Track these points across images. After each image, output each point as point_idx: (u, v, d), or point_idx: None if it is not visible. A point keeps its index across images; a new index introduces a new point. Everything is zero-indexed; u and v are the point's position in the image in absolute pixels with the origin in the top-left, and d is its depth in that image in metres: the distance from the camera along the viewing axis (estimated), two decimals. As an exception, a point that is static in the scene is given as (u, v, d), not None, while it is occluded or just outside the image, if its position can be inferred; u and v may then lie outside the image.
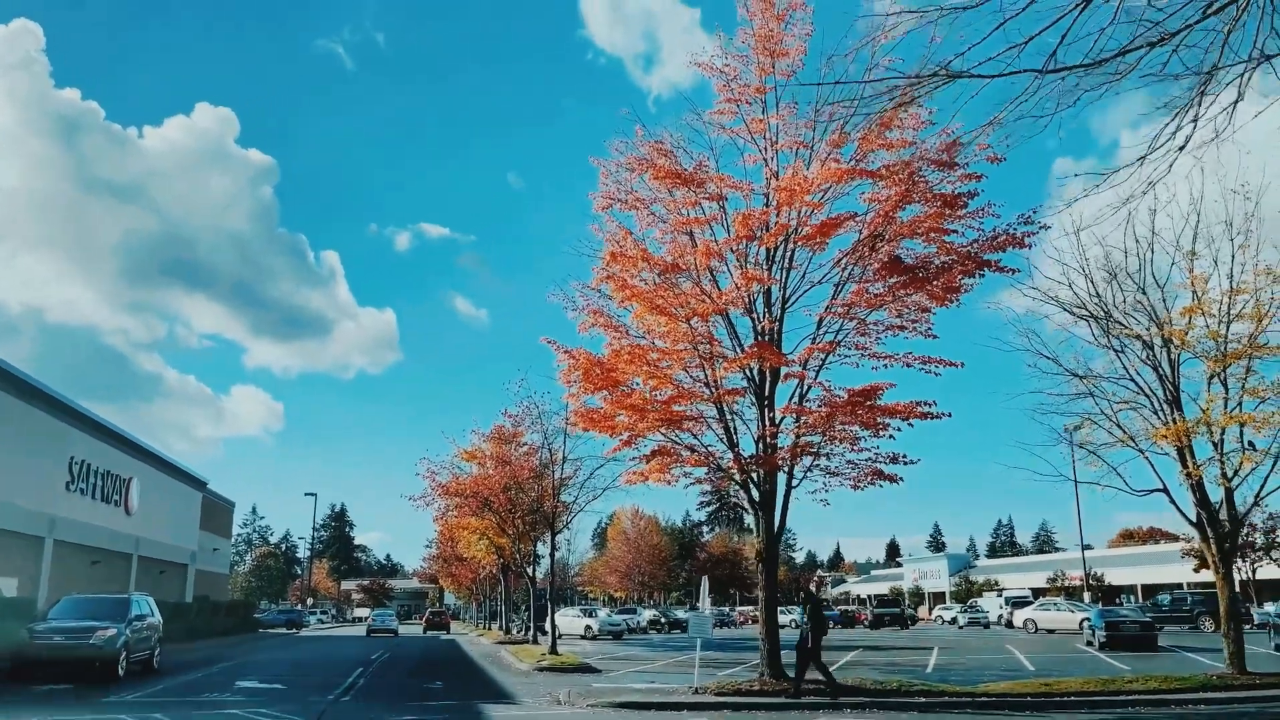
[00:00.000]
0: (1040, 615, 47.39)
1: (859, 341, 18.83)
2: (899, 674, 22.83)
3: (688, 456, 18.51)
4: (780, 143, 18.76)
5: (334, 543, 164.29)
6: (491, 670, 26.93)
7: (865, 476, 18.96)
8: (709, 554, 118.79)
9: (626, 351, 17.75)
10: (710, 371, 18.47)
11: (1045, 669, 24.68)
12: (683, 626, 67.03)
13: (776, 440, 18.66)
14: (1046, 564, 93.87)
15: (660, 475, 18.74)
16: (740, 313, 19.50)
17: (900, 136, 17.78)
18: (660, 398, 18.01)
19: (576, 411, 19.15)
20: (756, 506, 18.96)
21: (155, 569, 48.98)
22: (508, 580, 53.02)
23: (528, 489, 31.89)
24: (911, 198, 17.25)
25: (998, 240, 17.67)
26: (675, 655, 32.76)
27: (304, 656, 34.68)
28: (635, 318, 18.35)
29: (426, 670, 27.69)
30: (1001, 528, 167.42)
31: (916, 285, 17.32)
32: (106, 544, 41.29)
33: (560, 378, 19.11)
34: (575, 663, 26.14)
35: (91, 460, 39.35)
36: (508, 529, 34.77)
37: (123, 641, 21.09)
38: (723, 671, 23.54)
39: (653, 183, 18.47)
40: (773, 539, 18.90)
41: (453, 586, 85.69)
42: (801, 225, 17.82)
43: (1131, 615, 34.24)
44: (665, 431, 18.48)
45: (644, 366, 17.63)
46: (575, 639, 44.65)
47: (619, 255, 17.95)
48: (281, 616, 76.13)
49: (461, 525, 40.69)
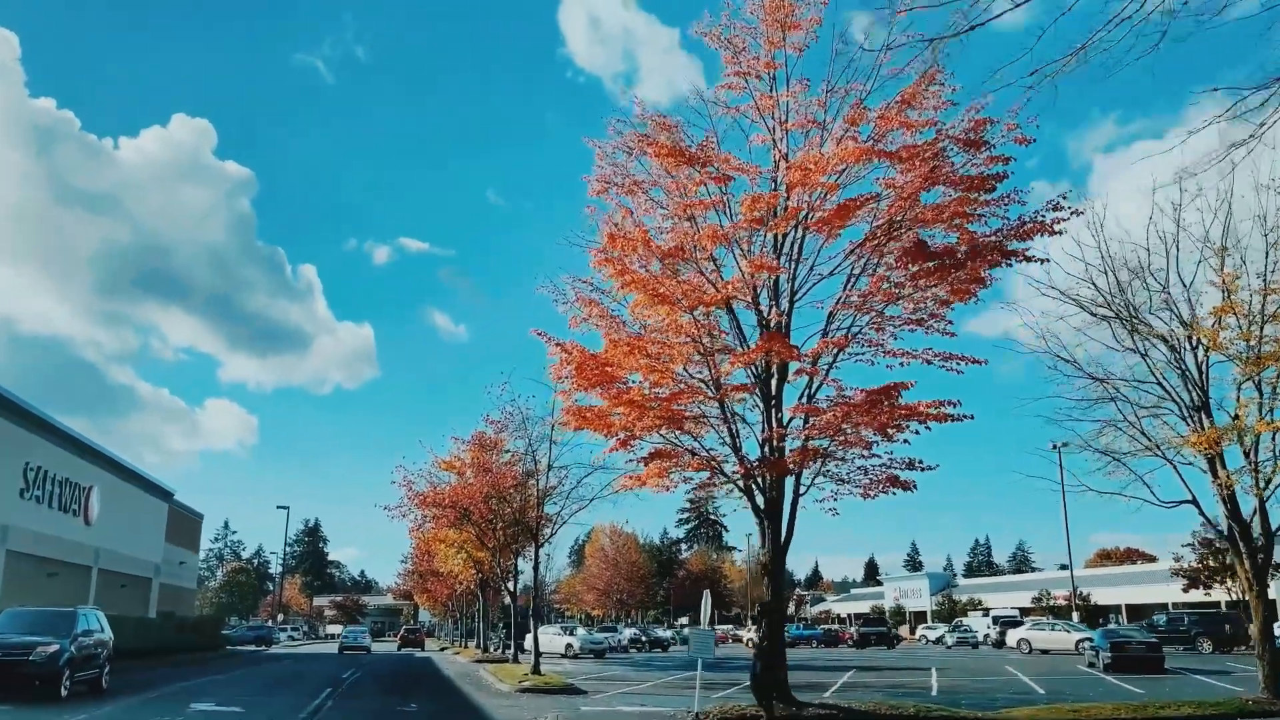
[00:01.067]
0: (1034, 635, 46.10)
1: (873, 338, 17.45)
2: (903, 696, 21.42)
3: (688, 460, 17.00)
4: (790, 122, 17.39)
5: (307, 558, 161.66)
6: (470, 691, 25.25)
7: (878, 484, 17.54)
8: (688, 572, 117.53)
9: (625, 343, 16.23)
10: (713, 368, 17.00)
11: (1057, 691, 23.33)
12: (664, 645, 65.52)
13: (784, 443, 17.23)
14: (1030, 583, 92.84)
15: (658, 480, 17.24)
16: (745, 306, 18.09)
17: (921, 117, 16.48)
18: (661, 395, 16.51)
19: (568, 410, 17.59)
20: (761, 515, 17.49)
21: (117, 582, 46.80)
22: (486, 596, 51.17)
23: (510, 499, 30.19)
24: (935, 180, 15.90)
25: (1025, 228, 16.36)
26: (662, 676, 31.17)
27: (270, 676, 32.80)
28: (634, 308, 16.87)
29: (401, 691, 25.95)
30: (979, 547, 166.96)
31: (940, 275, 15.96)
32: (64, 555, 39.23)
33: (551, 373, 17.62)
34: (560, 683, 24.51)
35: (49, 467, 37.35)
36: (488, 541, 33.08)
37: (66, 659, 19.24)
38: (717, 693, 22.04)
39: (653, 161, 17.01)
40: (779, 550, 17.42)
41: (428, 603, 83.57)
42: (815, 210, 16.43)
43: (1137, 636, 32.99)
44: (665, 432, 16.98)
45: (643, 359, 16.11)
46: (555, 657, 42.94)
47: (617, 237, 16.50)
48: (250, 633, 73.58)
49: (438, 538, 38.93)
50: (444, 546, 39.85)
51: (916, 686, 25.89)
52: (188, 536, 64.27)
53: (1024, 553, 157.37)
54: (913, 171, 16.17)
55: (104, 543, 43.87)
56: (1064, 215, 16.15)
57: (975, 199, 16.11)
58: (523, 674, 27.06)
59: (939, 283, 16.08)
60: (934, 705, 18.08)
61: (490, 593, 49.76)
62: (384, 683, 28.99)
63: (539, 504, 27.89)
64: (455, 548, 38.61)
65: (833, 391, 17.63)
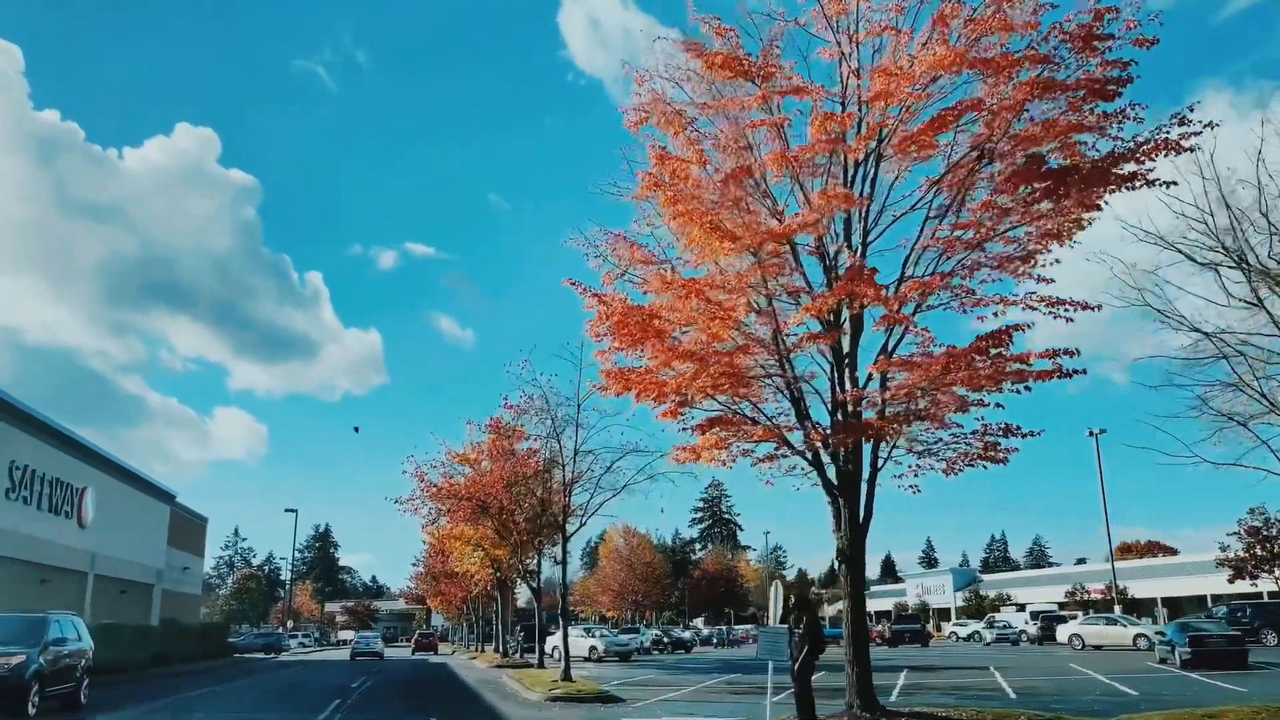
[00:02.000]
0: (1087, 630, 43.39)
1: (957, 284, 14.84)
2: (980, 700, 18.93)
3: (750, 430, 14.43)
4: (862, 33, 14.83)
5: (318, 564, 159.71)
6: (495, 701, 22.73)
7: (968, 455, 15.01)
8: (703, 571, 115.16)
9: (680, 285, 13.66)
10: (777, 321, 14.43)
11: (1153, 694, 20.70)
12: (687, 646, 63.09)
13: (859, 406, 14.69)
14: (1060, 578, 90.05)
15: (715, 452, 14.69)
16: (809, 251, 15.56)
17: (1024, 18, 13.88)
18: (723, 350, 13.94)
19: (608, 372, 15.02)
20: (835, 491, 14.95)
21: (115, 588, 44.42)
22: (504, 597, 48.51)
23: (533, 486, 27.45)
24: (1042, 89, 13.32)
25: (1144, 148, 13.78)
26: (701, 680, 28.59)
27: (275, 685, 30.36)
28: (689, 245, 14.27)
29: (417, 701, 23.48)
30: (995, 543, 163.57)
31: (1054, 196, 13.36)
32: (56, 560, 36.86)
33: (587, 329, 15.04)
34: (594, 691, 21.94)
35: (37, 465, 34.98)
36: (508, 536, 30.48)
37: (34, 670, 16.72)
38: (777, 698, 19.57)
39: (704, 73, 14.40)
40: (859, 531, 14.88)
41: (441, 607, 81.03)
42: (901, 122, 13.86)
43: (1215, 629, 30.33)
44: (723, 397, 14.44)
45: (701, 305, 13.52)
46: (579, 661, 40.36)
47: (667, 158, 13.96)
48: (259, 640, 71.17)
49: (453, 535, 36.36)
50: (459, 544, 37.24)
51: (986, 688, 23.29)
52: (192, 541, 61.88)
53: (1041, 548, 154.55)
54: (1011, 81, 13.62)
55: (100, 547, 41.49)
56: (1195, 129, 13.56)
57: (1089, 111, 13.54)
58: (551, 680, 24.51)
59: (1051, 209, 13.49)
60: (1044, 713, 15.51)
61: (510, 593, 47.20)
62: (398, 692, 26.52)
63: (566, 491, 25.22)
64: (471, 545, 36.04)
65: (913, 349, 15.09)
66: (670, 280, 13.78)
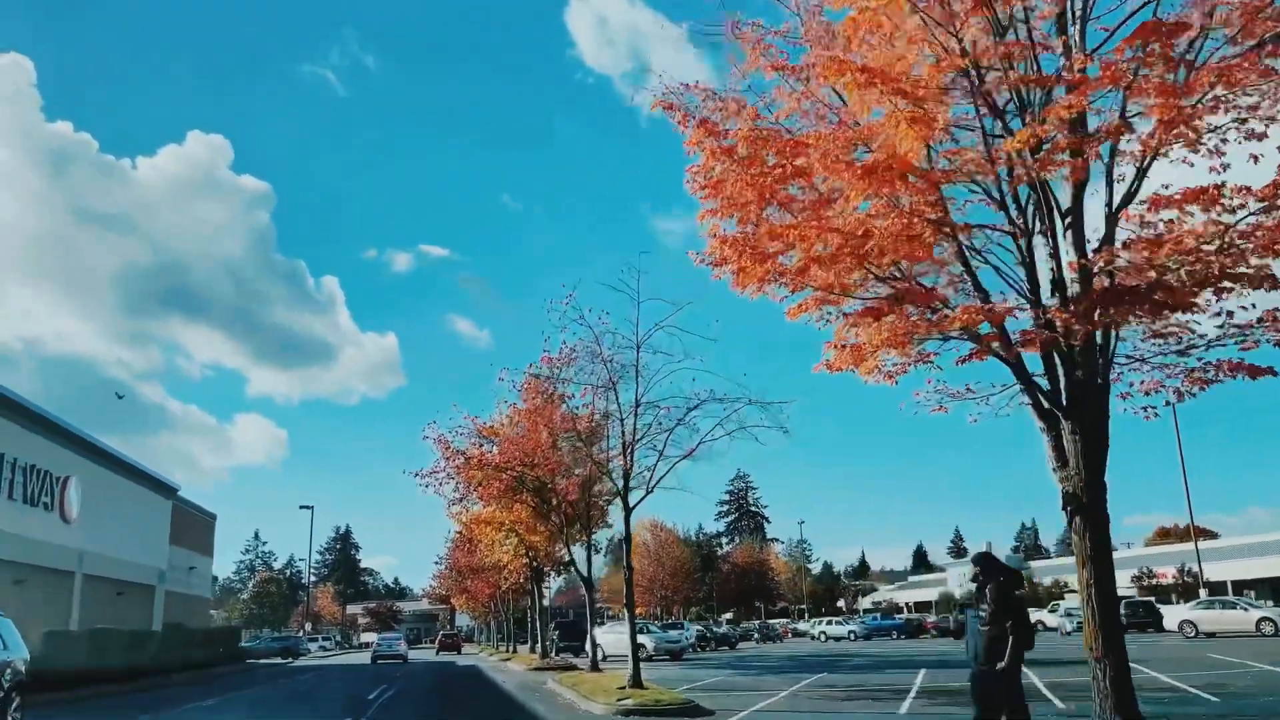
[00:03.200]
0: (1201, 616, 38.39)
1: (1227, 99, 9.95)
2: (1181, 705, 14.27)
3: (947, 317, 9.57)
4: None
5: (339, 566, 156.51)
6: (545, 713, 18.05)
7: (1219, 366, 10.24)
8: (733, 565, 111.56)
9: (858, 71, 8.67)
10: (987, 149, 9.59)
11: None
12: (731, 643, 58.63)
13: (1090, 281, 9.91)
14: (1122, 561, 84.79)
15: (887, 354, 9.94)
16: (997, 78, 10.68)
17: None
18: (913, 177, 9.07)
19: (720, 239, 10.18)
20: (1060, 414, 10.16)
21: (110, 590, 40.08)
22: (540, 589, 43.69)
23: (589, 443, 22.39)
24: None
25: None
26: (782, 681, 23.82)
27: (279, 696, 25.81)
28: (847, 26, 9.34)
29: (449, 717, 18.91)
30: (1025, 531, 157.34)
31: None
32: (35, 558, 32.52)
33: (689, 180, 10.22)
34: (676, 701, 17.07)
35: (7, 450, 30.64)
36: (554, 512, 25.70)
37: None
38: (935, 706, 14.98)
39: None
40: (1096, 471, 10.10)
41: (466, 605, 76.65)
42: None
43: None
44: (901, 265, 9.66)
45: (894, 99, 8.61)
46: (624, 659, 35.76)
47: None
48: (275, 644, 66.83)
49: (484, 520, 31.67)
50: (489, 530, 32.52)
51: (1159, 687, 18.35)
52: (198, 539, 57.57)
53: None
54: None
55: (90, 544, 37.15)
56: None
57: None
58: (616, 686, 19.75)
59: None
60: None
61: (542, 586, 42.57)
62: (424, 704, 21.91)
63: (627, 453, 20.21)
64: (504, 531, 31.36)
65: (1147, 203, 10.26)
66: (829, 64, 8.75)
